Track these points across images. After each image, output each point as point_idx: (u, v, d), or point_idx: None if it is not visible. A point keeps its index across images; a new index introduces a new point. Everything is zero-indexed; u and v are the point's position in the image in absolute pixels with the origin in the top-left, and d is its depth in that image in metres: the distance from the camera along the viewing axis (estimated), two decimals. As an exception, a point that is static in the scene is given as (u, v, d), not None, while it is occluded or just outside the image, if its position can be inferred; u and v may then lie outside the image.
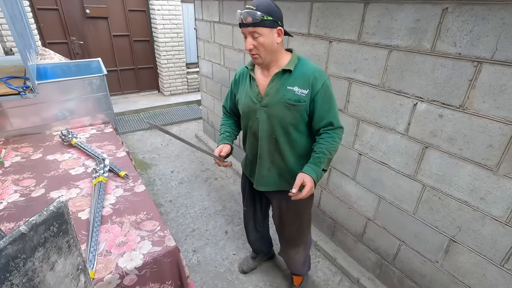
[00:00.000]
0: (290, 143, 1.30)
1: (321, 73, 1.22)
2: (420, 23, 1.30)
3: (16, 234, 0.54)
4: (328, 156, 1.23)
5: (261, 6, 1.10)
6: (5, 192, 1.43)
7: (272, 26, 1.13)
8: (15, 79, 1.81)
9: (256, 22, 1.10)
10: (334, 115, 1.24)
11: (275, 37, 1.16)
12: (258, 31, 1.12)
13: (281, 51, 1.23)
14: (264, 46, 1.15)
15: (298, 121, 1.25)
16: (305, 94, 1.20)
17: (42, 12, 4.19)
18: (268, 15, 1.11)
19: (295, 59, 1.23)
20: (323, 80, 1.20)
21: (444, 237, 1.44)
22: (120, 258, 1.09)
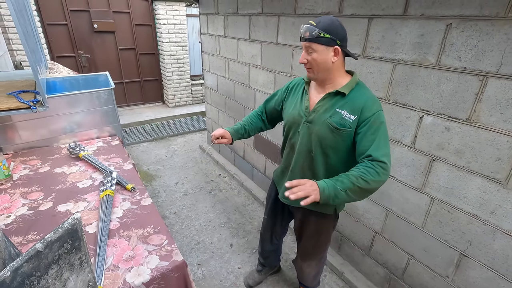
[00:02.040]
0: (326, 165, 1.26)
1: (375, 103, 1.14)
2: (424, 38, 1.32)
3: (32, 252, 0.54)
4: (359, 186, 1.04)
5: (321, 23, 1.10)
6: (14, 206, 1.44)
7: (329, 44, 1.11)
8: (25, 93, 1.85)
9: (312, 38, 1.11)
10: (377, 148, 1.09)
11: (330, 56, 1.13)
12: (313, 46, 1.12)
13: (338, 70, 1.19)
14: (317, 62, 1.14)
15: (340, 146, 1.19)
16: (352, 121, 1.14)
17: (52, 27, 4.31)
18: (326, 33, 1.09)
19: (353, 83, 1.18)
20: (374, 111, 1.12)
21: (454, 251, 1.42)
22: (127, 273, 1.09)
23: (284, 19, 2.09)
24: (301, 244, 1.56)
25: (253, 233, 2.49)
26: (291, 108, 1.33)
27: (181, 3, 4.91)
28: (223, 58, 3.03)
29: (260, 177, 2.93)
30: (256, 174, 3.01)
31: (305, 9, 1.89)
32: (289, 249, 2.33)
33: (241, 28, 2.59)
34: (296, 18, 1.98)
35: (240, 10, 2.54)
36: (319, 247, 1.50)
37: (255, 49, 2.48)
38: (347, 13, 1.64)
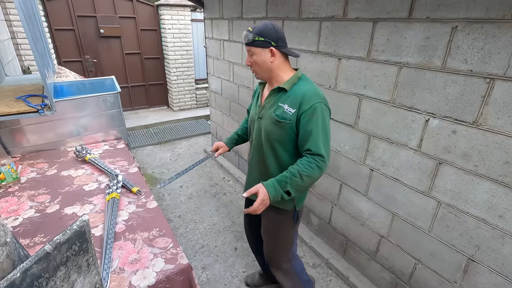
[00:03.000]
0: (276, 158, 1.33)
1: (313, 95, 1.19)
2: (430, 41, 1.32)
3: (41, 254, 0.55)
4: (297, 180, 1.16)
5: (256, 28, 1.22)
6: (21, 208, 1.45)
7: (264, 46, 1.21)
8: (33, 97, 1.88)
9: (249, 42, 1.23)
10: (316, 141, 1.17)
11: (267, 56, 1.23)
12: (252, 50, 1.24)
13: (281, 69, 1.28)
14: (258, 64, 1.25)
15: (285, 139, 1.27)
16: (292, 113, 1.21)
17: (59, 32, 4.38)
18: (260, 36, 1.20)
19: (294, 78, 1.27)
20: (312, 103, 1.17)
21: (462, 256, 1.39)
22: (133, 276, 1.09)
23: (288, 23, 2.10)
24: (264, 245, 1.57)
25: (258, 237, 2.47)
26: (252, 109, 1.47)
27: (186, 8, 4.97)
28: (227, 62, 3.05)
29: (265, 180, 2.92)
30: (260, 177, 3.00)
31: (310, 13, 1.90)
32: (293, 253, 2.31)
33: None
34: (300, 22, 1.99)
35: (245, 14, 2.56)
36: (279, 249, 1.50)
37: (259, 53, 2.49)
38: (351, 17, 1.64)
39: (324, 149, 1.18)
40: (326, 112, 1.21)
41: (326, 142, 1.20)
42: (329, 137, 1.22)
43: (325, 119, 1.20)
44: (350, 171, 1.90)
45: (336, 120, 1.91)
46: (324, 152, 1.18)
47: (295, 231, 1.51)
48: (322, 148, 1.17)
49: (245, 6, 2.54)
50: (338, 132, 1.92)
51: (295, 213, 1.41)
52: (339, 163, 1.97)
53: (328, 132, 1.21)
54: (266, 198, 1.16)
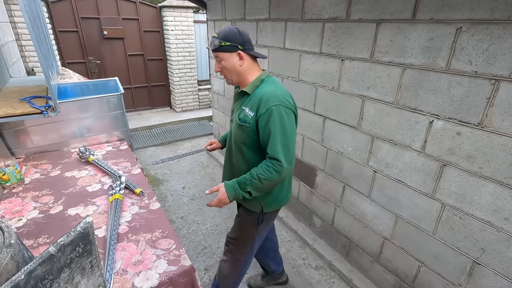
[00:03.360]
0: (245, 160, 1.34)
1: (271, 98, 1.17)
2: (434, 42, 1.31)
3: (45, 255, 0.55)
4: (256, 182, 1.20)
5: (221, 33, 1.21)
6: (25, 209, 1.46)
7: (231, 51, 1.21)
8: (38, 98, 1.89)
9: (216, 48, 1.22)
10: (273, 145, 1.17)
11: (236, 60, 1.23)
12: (220, 55, 1.24)
13: (250, 71, 1.27)
14: (227, 68, 1.25)
15: (248, 142, 1.28)
16: (251, 117, 1.22)
17: (63, 34, 4.41)
18: (226, 41, 1.20)
19: (257, 81, 1.26)
20: (269, 106, 1.15)
21: (467, 259, 1.38)
22: (136, 278, 1.09)
23: (291, 24, 2.10)
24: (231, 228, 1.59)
25: (260, 238, 2.47)
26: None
27: (188, 9, 4.99)
28: (230, 63, 3.05)
29: (267, 181, 2.92)
30: (263, 178, 2.99)
31: (313, 14, 1.90)
32: (296, 254, 2.31)
33: (248, 33, 2.60)
34: (303, 24, 1.99)
35: (247, 16, 2.56)
36: (237, 243, 1.51)
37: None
38: (354, 18, 1.64)
39: (282, 153, 1.16)
40: (286, 113, 1.18)
41: (285, 145, 1.17)
42: (291, 139, 1.19)
43: (284, 121, 1.17)
44: (353, 173, 1.89)
45: (339, 121, 1.90)
46: (282, 156, 1.16)
47: (258, 234, 1.48)
48: (279, 152, 1.16)
49: (247, 7, 2.54)
50: (341, 133, 1.91)
51: (261, 216, 1.41)
52: (342, 165, 1.97)
53: (288, 134, 1.18)
54: (225, 198, 1.26)
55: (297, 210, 2.56)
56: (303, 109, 2.19)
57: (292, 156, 1.22)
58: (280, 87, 1.27)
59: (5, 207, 1.47)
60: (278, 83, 1.29)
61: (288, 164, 1.18)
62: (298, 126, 2.26)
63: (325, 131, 2.04)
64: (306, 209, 2.43)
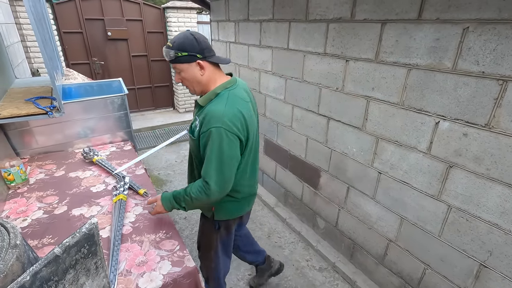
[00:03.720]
0: (198, 170, 1.28)
1: (213, 118, 1.10)
2: (440, 42, 1.30)
3: (51, 257, 0.54)
4: (188, 199, 1.21)
5: (176, 43, 1.12)
6: (30, 209, 1.47)
7: (190, 61, 1.13)
8: (42, 99, 1.90)
9: (172, 60, 1.14)
10: (206, 167, 1.14)
11: (196, 70, 1.15)
12: (178, 67, 1.15)
13: (212, 80, 1.20)
14: (188, 80, 1.18)
15: (197, 152, 1.23)
16: (197, 130, 1.18)
17: (68, 35, 4.44)
18: (183, 51, 1.11)
19: (212, 94, 1.18)
20: (210, 126, 1.09)
21: (474, 262, 1.36)
22: (140, 279, 1.09)
23: (295, 25, 2.10)
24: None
25: (263, 239, 2.46)
26: None
27: (192, 10, 5.00)
28: (233, 64, 3.05)
29: (270, 182, 2.91)
30: (266, 179, 2.99)
31: (317, 14, 1.90)
32: (299, 256, 2.30)
33: (252, 34, 2.61)
34: (307, 24, 1.98)
35: (251, 16, 2.56)
36: (202, 248, 1.53)
37: (266, 54, 2.49)
38: (359, 18, 1.63)
39: (214, 178, 1.13)
40: (227, 137, 1.10)
41: (218, 170, 1.13)
42: (227, 165, 1.14)
43: (222, 146, 1.10)
44: (358, 174, 1.88)
45: (343, 122, 1.89)
46: (214, 181, 1.13)
47: (220, 239, 1.46)
48: (212, 175, 1.13)
49: (251, 8, 2.54)
50: (345, 134, 1.90)
51: (216, 222, 1.39)
52: (346, 166, 1.95)
53: (224, 159, 1.12)
54: (162, 210, 1.30)
55: (300, 211, 2.55)
56: (307, 110, 2.18)
57: (226, 181, 1.16)
58: (233, 105, 1.14)
59: (10, 207, 1.48)
60: (232, 100, 1.16)
61: (218, 188, 1.15)
62: (301, 127, 2.27)
63: (329, 132, 2.03)
64: (310, 211, 2.42)
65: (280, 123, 2.54)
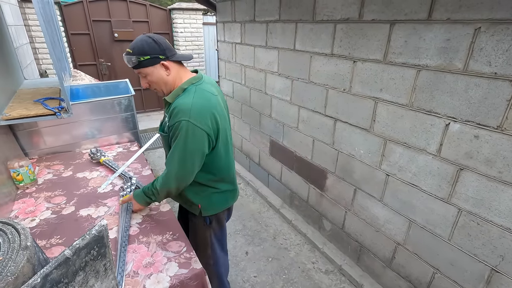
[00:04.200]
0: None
1: (181, 111, 1.12)
2: (450, 43, 1.28)
3: (61, 259, 0.54)
4: (155, 192, 1.30)
5: (136, 48, 1.13)
6: (38, 209, 1.48)
7: (154, 63, 1.15)
8: (51, 100, 1.92)
9: (135, 66, 1.16)
10: (171, 157, 1.19)
11: (162, 72, 1.18)
12: (143, 72, 1.17)
13: (179, 77, 1.23)
14: (155, 82, 1.20)
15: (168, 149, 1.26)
16: (167, 126, 1.20)
17: (75, 36, 4.49)
18: (144, 55, 1.13)
19: (179, 90, 1.20)
20: (177, 119, 1.12)
21: (485, 267, 1.34)
22: (147, 280, 1.08)
23: (302, 26, 2.09)
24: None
25: (269, 241, 2.45)
26: None
27: (197, 11, 5.02)
28: (239, 65, 3.05)
29: (276, 184, 2.90)
30: (271, 181, 2.98)
31: (324, 15, 1.88)
32: (305, 258, 2.28)
33: (258, 35, 2.60)
34: (314, 25, 1.97)
35: (257, 17, 2.56)
36: (199, 249, 1.48)
37: (272, 55, 2.48)
38: (367, 19, 1.61)
39: (176, 168, 1.18)
40: (193, 131, 1.12)
41: (180, 161, 1.17)
42: (189, 157, 1.17)
43: (187, 139, 1.13)
44: (365, 176, 1.86)
45: (351, 123, 1.87)
46: (175, 171, 1.18)
47: (214, 234, 1.48)
48: (173, 166, 1.18)
49: (257, 9, 2.54)
50: (352, 136, 1.88)
51: (207, 218, 1.41)
52: (353, 168, 1.93)
53: (188, 152, 1.15)
54: (138, 206, 1.40)
55: (306, 213, 2.54)
56: (313, 111, 2.17)
57: (186, 173, 1.20)
58: (200, 98, 1.17)
59: (18, 207, 1.49)
60: (200, 94, 1.19)
61: (178, 179, 1.21)
62: (308, 128, 2.26)
63: (336, 133, 2.01)
64: (316, 212, 2.40)
65: (286, 124, 2.52)
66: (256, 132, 3.04)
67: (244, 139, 3.34)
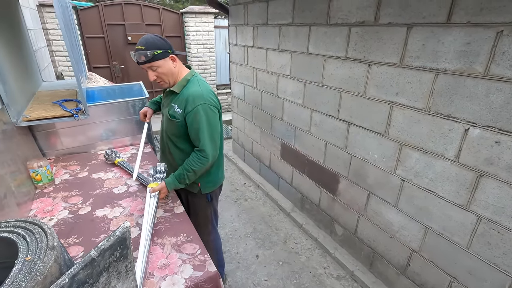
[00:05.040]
0: (178, 149, 1.52)
1: (196, 98, 1.35)
2: (471, 46, 1.25)
3: (87, 260, 0.55)
4: (191, 174, 1.41)
5: (148, 44, 1.31)
6: (56, 209, 1.51)
7: (165, 57, 1.34)
8: (68, 101, 1.96)
9: (149, 59, 1.31)
10: (201, 139, 1.37)
11: (170, 64, 1.38)
12: (155, 64, 1.34)
13: (181, 70, 1.45)
14: (164, 74, 1.38)
15: (179, 133, 1.45)
16: (179, 113, 1.40)
17: (90, 39, 4.59)
18: (157, 49, 1.31)
19: (184, 81, 1.43)
20: (195, 105, 1.34)
21: (506, 277, 1.30)
22: (162, 282, 1.09)
23: (315, 29, 2.08)
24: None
25: (279, 245, 2.44)
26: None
27: (209, 15, 5.07)
28: (251, 68, 3.06)
29: (287, 187, 2.89)
30: (282, 184, 2.97)
31: (338, 18, 1.88)
32: (316, 263, 2.26)
33: (271, 38, 2.61)
34: (328, 28, 1.97)
35: (270, 21, 2.57)
36: (199, 225, 1.60)
37: (284, 59, 2.48)
38: (383, 22, 1.60)
39: (209, 145, 1.38)
40: (211, 111, 1.37)
41: (211, 138, 1.39)
42: (215, 132, 1.41)
43: (210, 118, 1.37)
44: (379, 181, 1.83)
45: (364, 127, 1.85)
46: (209, 147, 1.38)
47: (213, 210, 1.69)
48: (207, 144, 1.38)
49: (270, 12, 2.55)
50: (366, 140, 1.86)
51: (208, 195, 1.62)
52: (366, 172, 1.91)
53: (213, 129, 1.39)
54: (165, 195, 1.46)
55: (317, 217, 2.51)
56: (326, 114, 2.15)
57: (217, 146, 1.44)
58: (204, 85, 1.43)
59: (37, 206, 1.52)
60: (202, 82, 1.45)
61: (213, 152, 1.41)
62: (320, 131, 2.25)
63: (349, 137, 1.99)
64: (327, 217, 2.38)
65: (298, 127, 2.52)
66: (267, 135, 3.03)
67: (254, 141, 3.34)
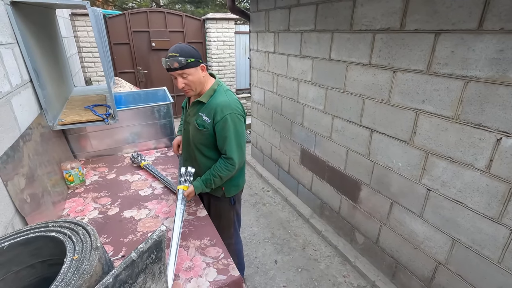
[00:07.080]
0: (205, 157, 1.56)
1: (224, 107, 1.40)
2: (504, 54, 1.21)
3: (128, 261, 0.58)
4: (217, 180, 1.48)
5: (182, 51, 1.35)
6: (86, 209, 1.59)
7: (196, 65, 1.39)
8: (99, 106, 2.06)
9: (183, 66, 1.35)
10: (229, 147, 1.43)
11: (200, 73, 1.42)
12: (186, 72, 1.37)
13: (208, 81, 1.49)
14: (193, 82, 1.41)
15: (206, 142, 1.50)
16: (208, 123, 1.44)
17: (117, 46, 4.80)
18: (191, 58, 1.35)
19: (211, 91, 1.47)
20: (223, 114, 1.39)
21: (542, 295, 1.23)
22: (187, 284, 1.12)
23: (338, 35, 2.08)
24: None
25: (298, 251, 2.43)
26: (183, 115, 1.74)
27: (230, 21, 5.16)
28: (271, 74, 3.09)
29: (306, 193, 2.88)
30: (301, 190, 2.96)
31: (362, 25, 1.87)
32: (336, 271, 2.23)
33: (292, 44, 2.62)
34: (351, 34, 1.96)
35: (292, 27, 2.59)
36: (223, 230, 1.64)
37: (305, 65, 2.49)
38: (410, 29, 1.58)
39: (236, 153, 1.44)
40: (238, 120, 1.43)
41: (238, 146, 1.45)
42: (242, 140, 1.47)
43: (237, 127, 1.43)
44: (403, 190, 1.79)
45: (388, 135, 1.82)
46: (236, 155, 1.44)
47: (236, 214, 1.75)
48: (234, 151, 1.44)
49: (292, 19, 2.57)
50: (390, 148, 1.83)
51: (231, 199, 1.68)
52: (390, 180, 1.87)
53: (240, 137, 1.46)
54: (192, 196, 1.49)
55: (337, 224, 2.48)
56: (348, 121, 2.14)
57: (244, 154, 1.50)
58: (230, 95, 1.48)
59: (69, 206, 1.61)
60: (228, 91, 1.50)
61: (240, 160, 1.47)
62: (341, 138, 2.23)
63: (372, 144, 1.97)
64: (348, 224, 2.34)
65: (318, 133, 2.51)
66: (286, 140, 3.04)
67: (274, 146, 3.35)
